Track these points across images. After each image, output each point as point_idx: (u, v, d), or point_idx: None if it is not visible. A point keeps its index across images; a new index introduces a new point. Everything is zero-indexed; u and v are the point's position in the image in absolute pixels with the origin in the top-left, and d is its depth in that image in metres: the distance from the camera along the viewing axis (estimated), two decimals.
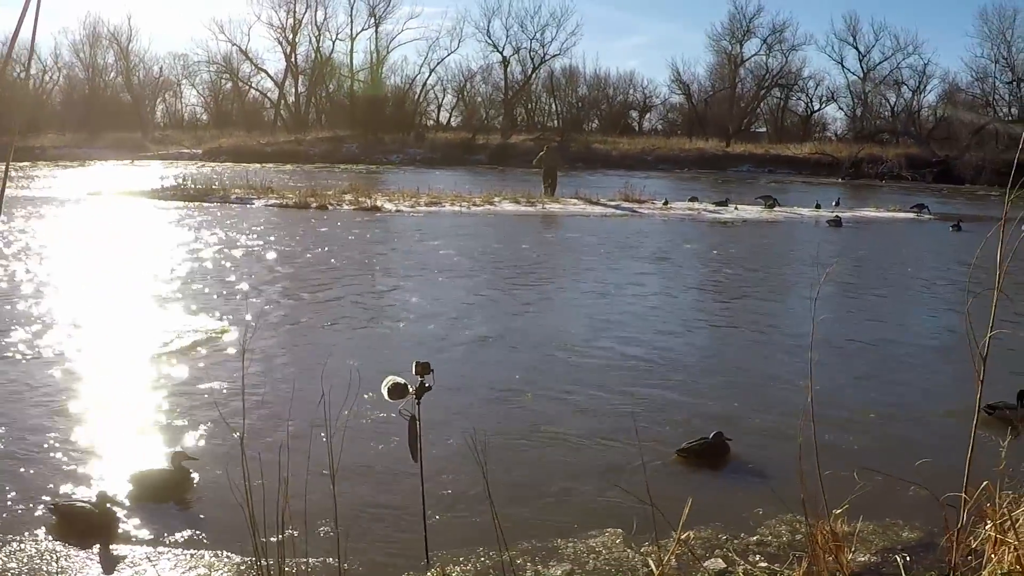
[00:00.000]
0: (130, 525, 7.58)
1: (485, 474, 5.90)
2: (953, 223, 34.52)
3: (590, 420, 10.43)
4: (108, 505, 7.53)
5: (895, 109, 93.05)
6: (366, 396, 9.95)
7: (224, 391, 11.01)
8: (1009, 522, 5.82)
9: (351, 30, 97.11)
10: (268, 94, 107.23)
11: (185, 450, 8.67)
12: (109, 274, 19.84)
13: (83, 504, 7.62)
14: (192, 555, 7.10)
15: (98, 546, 7.21)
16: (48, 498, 7.88)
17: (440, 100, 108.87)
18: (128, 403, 10.72)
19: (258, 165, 65.87)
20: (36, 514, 7.65)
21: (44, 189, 43.34)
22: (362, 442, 9.18)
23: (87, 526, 7.40)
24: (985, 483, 5.85)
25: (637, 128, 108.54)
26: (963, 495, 5.60)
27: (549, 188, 42.30)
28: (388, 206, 36.75)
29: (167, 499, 8.07)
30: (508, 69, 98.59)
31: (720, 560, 6.99)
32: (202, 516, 7.79)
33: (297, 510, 6.05)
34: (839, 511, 6.48)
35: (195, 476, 8.38)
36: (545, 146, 46.79)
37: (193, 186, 41.45)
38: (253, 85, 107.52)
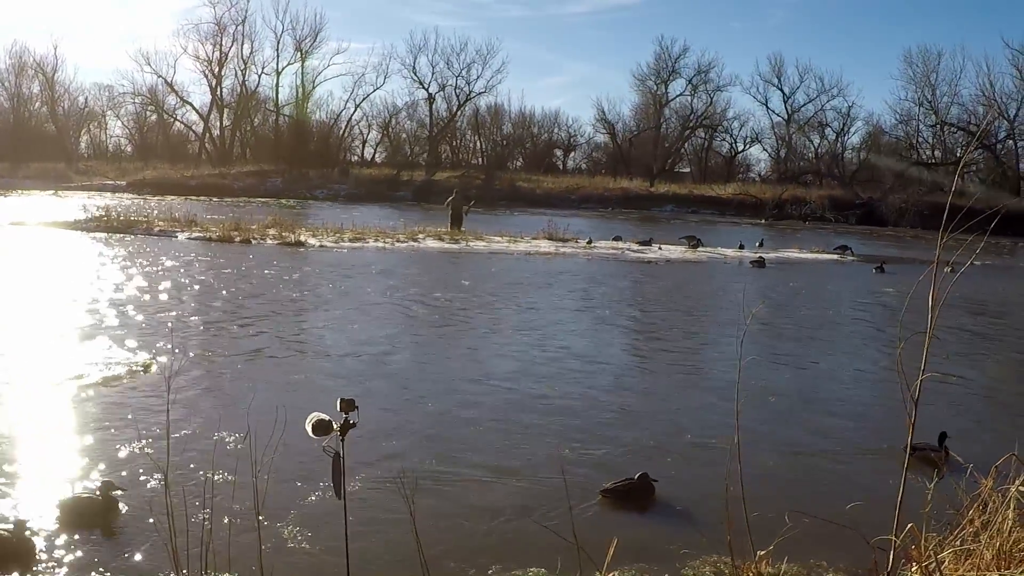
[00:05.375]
0: (54, 552, 7.57)
1: (412, 512, 5.90)
2: (876, 264, 35.19)
3: (514, 460, 10.46)
4: (26, 533, 7.50)
5: (819, 151, 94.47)
6: (289, 432, 9.90)
7: (148, 424, 10.90)
8: (935, 564, 5.88)
9: (277, 64, 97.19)
10: (193, 127, 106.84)
11: (112, 480, 8.60)
12: (30, 305, 19.62)
13: (1, 531, 7.53)
14: None
15: (16, 574, 7.16)
16: None
17: (365, 136, 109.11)
18: (50, 435, 10.67)
19: (182, 198, 65.32)
20: None
21: None
22: (286, 479, 9.15)
23: (5, 553, 7.37)
24: (910, 525, 5.91)
25: (561, 167, 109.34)
26: (893, 538, 5.66)
27: (456, 225, 43.76)
28: (312, 241, 36.64)
29: (93, 526, 8.05)
30: (433, 106, 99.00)
31: None
32: (127, 547, 7.77)
33: (220, 547, 6.00)
34: (764, 552, 6.54)
35: (123, 506, 8.38)
36: (455, 191, 47.89)
37: (117, 218, 40.98)
38: (178, 118, 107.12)
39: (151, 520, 7.91)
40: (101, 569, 7.29)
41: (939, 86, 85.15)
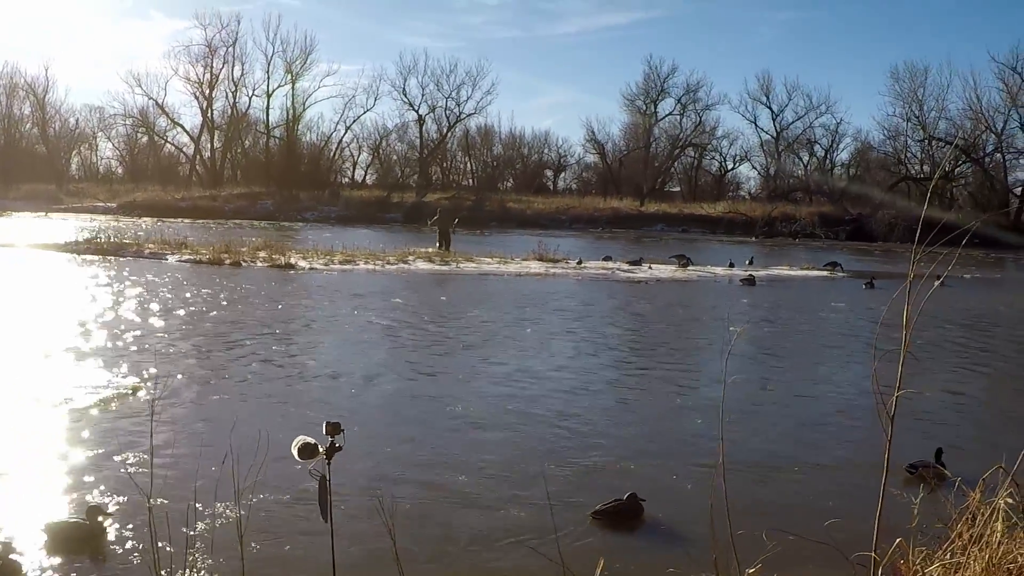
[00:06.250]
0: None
1: (393, 536, 5.85)
2: (866, 280, 35.24)
3: (502, 482, 10.44)
4: (13, 557, 7.46)
5: (808, 168, 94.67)
6: (275, 456, 9.86)
7: (136, 449, 10.85)
8: None
9: (268, 86, 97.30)
10: (184, 149, 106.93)
11: (100, 505, 8.56)
12: (19, 328, 19.53)
13: None
14: None
15: None
16: None
17: (356, 158, 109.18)
18: (38, 458, 10.62)
19: (173, 220, 65.24)
20: None
21: None
22: (272, 502, 9.10)
23: None
24: (898, 540, 5.89)
25: (552, 187, 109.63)
26: (873, 554, 5.63)
27: (444, 244, 43.98)
28: (302, 263, 36.61)
29: (81, 551, 8.00)
30: (424, 127, 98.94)
31: None
32: (113, 572, 7.72)
33: (205, 571, 5.96)
34: (752, 570, 6.50)
35: (110, 531, 8.35)
36: (439, 210, 48.05)
37: (107, 240, 40.99)
38: (169, 139, 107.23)
39: (138, 545, 7.87)
40: None
41: (926, 101, 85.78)
